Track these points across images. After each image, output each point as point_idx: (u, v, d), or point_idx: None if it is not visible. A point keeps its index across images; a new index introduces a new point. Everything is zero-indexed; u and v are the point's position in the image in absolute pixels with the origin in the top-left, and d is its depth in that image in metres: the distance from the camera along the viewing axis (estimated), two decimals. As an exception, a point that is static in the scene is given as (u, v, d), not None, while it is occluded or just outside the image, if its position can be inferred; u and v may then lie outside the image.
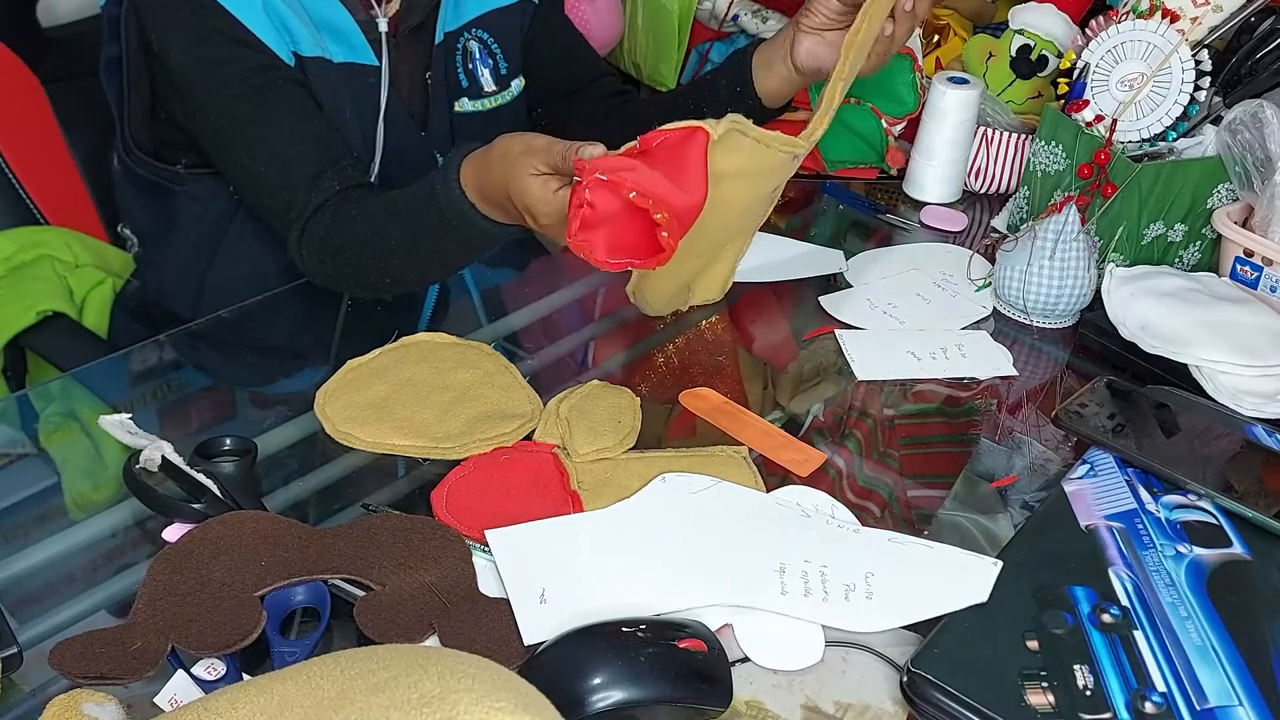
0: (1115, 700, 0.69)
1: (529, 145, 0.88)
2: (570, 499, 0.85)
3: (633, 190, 0.78)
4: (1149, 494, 0.87)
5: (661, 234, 0.80)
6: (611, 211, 0.80)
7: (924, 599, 0.76)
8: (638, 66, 1.72)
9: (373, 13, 1.12)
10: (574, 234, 0.79)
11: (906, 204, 1.34)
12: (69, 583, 0.80)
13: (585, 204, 0.79)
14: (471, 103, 1.22)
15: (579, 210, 0.79)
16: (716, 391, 0.99)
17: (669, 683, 0.69)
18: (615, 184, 0.79)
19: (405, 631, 0.72)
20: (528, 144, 0.88)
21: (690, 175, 0.81)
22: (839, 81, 0.94)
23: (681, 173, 0.81)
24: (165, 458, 0.84)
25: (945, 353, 1.06)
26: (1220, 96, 1.18)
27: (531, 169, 0.87)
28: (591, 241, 0.80)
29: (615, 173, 0.79)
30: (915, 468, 0.93)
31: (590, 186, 0.79)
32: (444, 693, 0.55)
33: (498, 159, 0.91)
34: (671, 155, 0.82)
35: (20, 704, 0.70)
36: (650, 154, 0.81)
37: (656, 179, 0.80)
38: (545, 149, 0.86)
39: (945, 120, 1.30)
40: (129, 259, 1.33)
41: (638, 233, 0.81)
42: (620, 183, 0.78)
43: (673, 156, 0.82)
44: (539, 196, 0.87)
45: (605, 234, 0.80)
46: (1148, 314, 1.04)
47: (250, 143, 1.06)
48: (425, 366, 0.98)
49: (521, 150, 0.88)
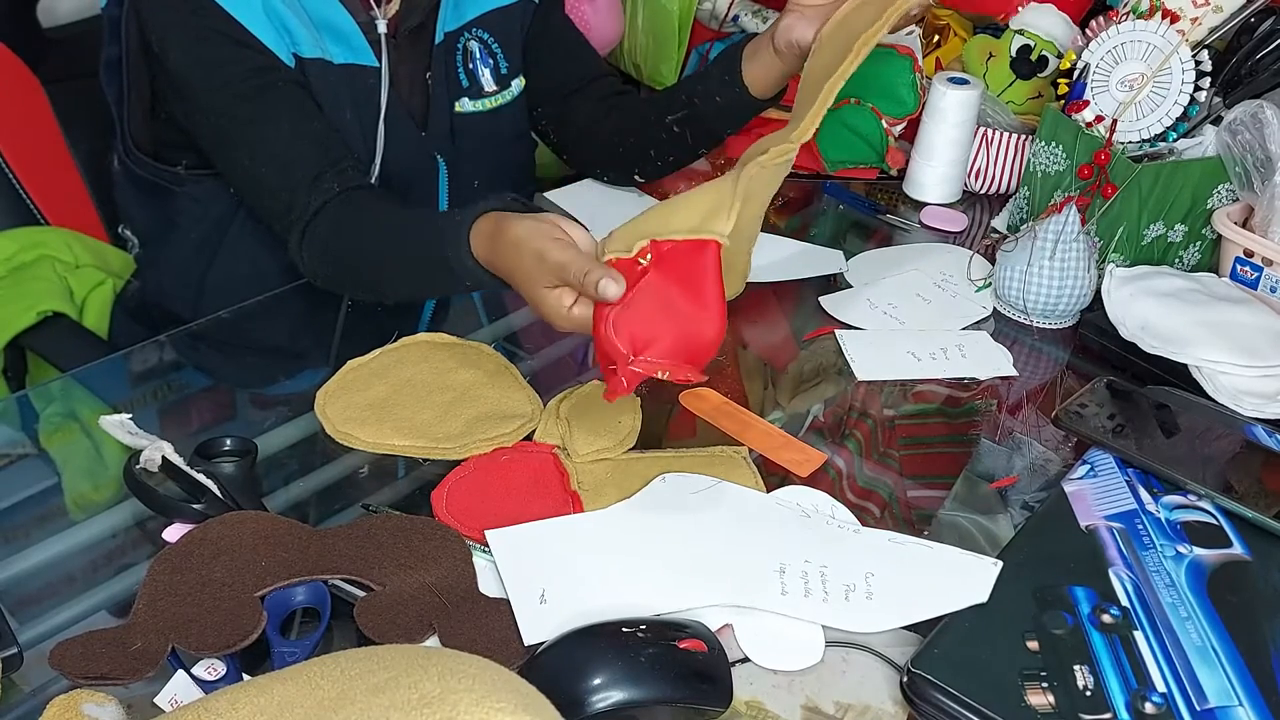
0: (1115, 700, 0.69)
1: (542, 258, 0.83)
2: (570, 499, 0.85)
3: (664, 371, 0.78)
4: (1149, 494, 0.87)
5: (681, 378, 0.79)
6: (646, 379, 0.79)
7: (924, 599, 0.76)
8: (638, 66, 1.72)
9: (372, 14, 1.12)
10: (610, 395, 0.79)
11: (906, 204, 1.34)
12: (69, 583, 0.80)
13: (621, 384, 0.78)
14: (472, 103, 1.22)
15: (618, 388, 0.78)
16: (716, 392, 0.99)
17: (669, 683, 0.69)
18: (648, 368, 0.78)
19: (405, 632, 0.72)
20: (541, 256, 0.83)
21: (709, 294, 0.79)
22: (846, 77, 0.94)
23: (697, 293, 0.79)
24: (165, 458, 0.84)
25: (945, 353, 1.06)
26: (1220, 97, 1.18)
27: (546, 282, 0.83)
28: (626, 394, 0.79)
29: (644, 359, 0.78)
30: (915, 468, 0.93)
31: (627, 374, 0.78)
32: (444, 693, 0.55)
33: (509, 249, 0.86)
34: (684, 267, 0.80)
35: (20, 704, 0.70)
36: (662, 261, 0.80)
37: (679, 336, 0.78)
38: (560, 268, 0.81)
39: (945, 120, 1.30)
40: (129, 259, 1.33)
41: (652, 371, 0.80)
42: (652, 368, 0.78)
43: (685, 269, 0.80)
44: (554, 312, 0.84)
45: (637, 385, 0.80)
46: (1148, 314, 1.04)
47: (250, 144, 1.06)
48: (425, 367, 0.98)
49: (534, 261, 0.83)
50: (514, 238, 0.86)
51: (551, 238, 0.84)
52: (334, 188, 1.04)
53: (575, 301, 0.82)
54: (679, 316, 0.79)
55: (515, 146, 1.29)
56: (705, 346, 0.80)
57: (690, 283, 0.79)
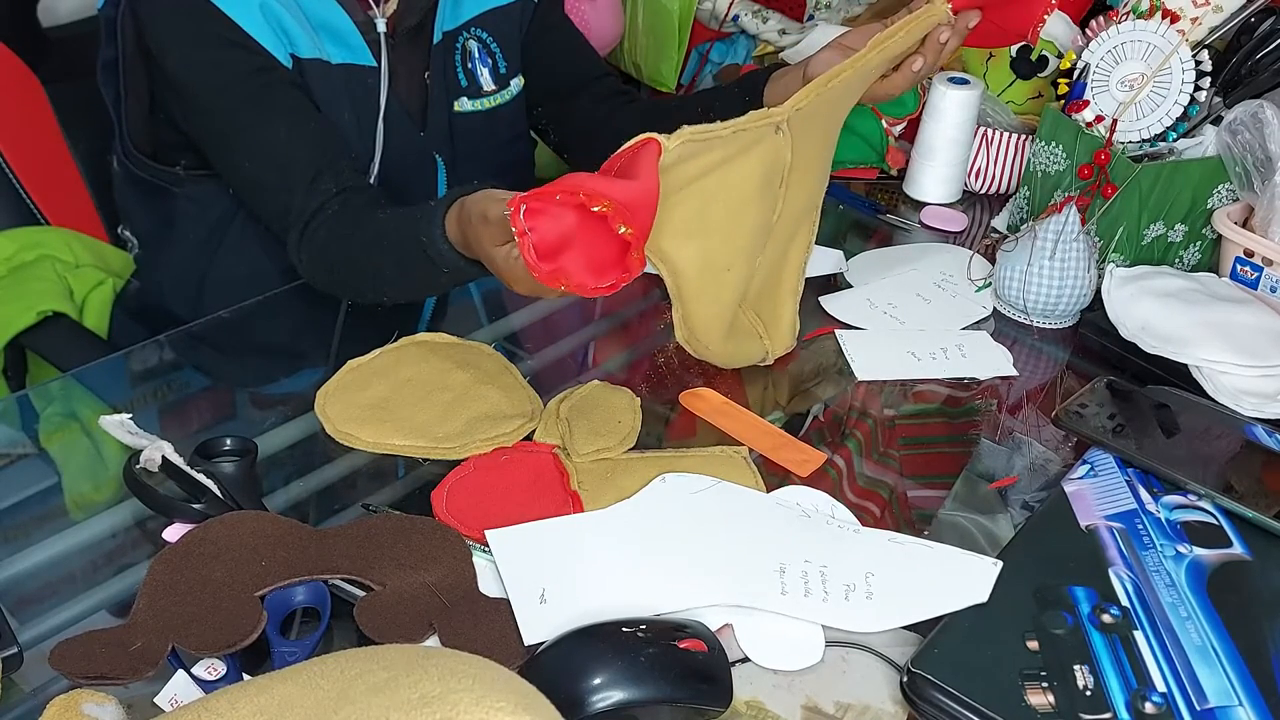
0: (1115, 700, 0.69)
1: (486, 217, 0.83)
2: (570, 499, 0.85)
3: (556, 194, 0.74)
4: (1149, 494, 0.87)
5: (619, 229, 0.75)
6: (560, 231, 0.75)
7: (924, 599, 0.76)
8: (638, 66, 1.72)
9: (371, 13, 1.12)
10: (537, 267, 0.75)
11: (906, 204, 1.34)
12: (69, 583, 0.80)
13: (523, 232, 0.74)
14: (471, 102, 1.22)
15: (523, 240, 0.74)
16: (716, 391, 0.99)
17: (669, 683, 0.69)
18: (541, 196, 0.74)
19: (405, 631, 0.72)
20: (485, 216, 0.83)
21: (638, 171, 0.78)
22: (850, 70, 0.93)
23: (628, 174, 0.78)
24: (165, 458, 0.84)
25: (945, 353, 1.06)
26: (1220, 97, 1.18)
27: (496, 240, 0.83)
28: (561, 268, 0.75)
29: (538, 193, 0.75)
30: (915, 468, 0.93)
31: (520, 214, 0.74)
32: (444, 693, 0.55)
33: (466, 222, 0.87)
34: (624, 169, 0.79)
35: (20, 704, 0.70)
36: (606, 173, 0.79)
37: (584, 178, 0.76)
38: (500, 220, 0.80)
39: (945, 120, 1.30)
40: (129, 259, 1.33)
41: (604, 246, 0.76)
42: (545, 193, 0.74)
43: (624, 169, 0.79)
44: (505, 266, 0.83)
45: (572, 257, 0.76)
46: (1148, 314, 1.04)
47: (248, 145, 1.06)
48: (425, 366, 0.98)
49: (480, 223, 0.84)
50: (468, 211, 0.86)
51: (493, 198, 0.83)
52: (331, 189, 1.04)
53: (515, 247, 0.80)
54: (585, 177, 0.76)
55: (514, 146, 1.29)
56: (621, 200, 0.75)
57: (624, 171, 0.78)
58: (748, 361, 1.02)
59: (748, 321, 1.01)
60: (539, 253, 0.75)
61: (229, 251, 1.19)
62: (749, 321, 1.01)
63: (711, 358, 0.99)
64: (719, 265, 0.90)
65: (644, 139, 0.80)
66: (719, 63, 1.74)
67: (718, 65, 1.73)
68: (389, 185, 1.14)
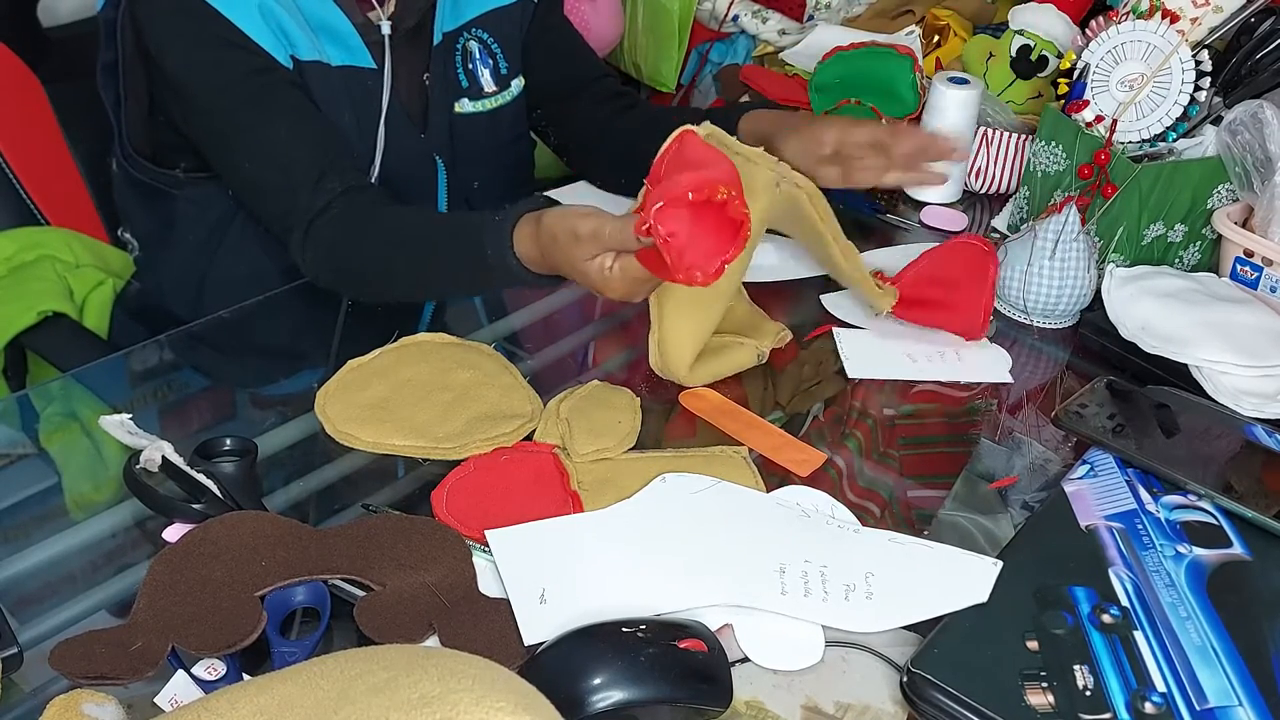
0: (1115, 700, 0.69)
1: (576, 234, 0.87)
2: (570, 499, 0.85)
3: (689, 190, 0.79)
4: (1149, 494, 0.87)
5: (734, 204, 0.80)
6: (686, 228, 0.80)
7: (924, 599, 0.76)
8: (638, 66, 1.72)
9: (372, 14, 1.12)
10: (682, 270, 0.80)
11: (906, 204, 1.34)
12: (69, 583, 0.80)
13: (664, 237, 0.79)
14: (472, 103, 1.22)
15: (666, 245, 0.79)
16: (716, 392, 0.99)
17: (669, 683, 0.69)
18: (673, 200, 0.80)
19: (405, 631, 0.72)
20: (574, 233, 0.87)
21: (707, 159, 0.84)
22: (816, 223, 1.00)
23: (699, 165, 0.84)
24: (165, 458, 0.84)
25: (942, 356, 1.06)
26: (1220, 97, 1.18)
27: (585, 255, 0.87)
28: (694, 263, 0.80)
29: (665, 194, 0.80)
30: (915, 468, 0.93)
31: (659, 221, 0.79)
32: (444, 693, 0.55)
33: (549, 242, 0.90)
34: (681, 161, 0.84)
35: (20, 704, 0.70)
36: (662, 176, 0.84)
37: (693, 175, 0.81)
38: (593, 236, 0.86)
39: (945, 120, 1.30)
40: (129, 259, 1.33)
41: (715, 227, 0.81)
42: (678, 194, 0.79)
43: (682, 161, 0.84)
44: (599, 278, 0.88)
45: (699, 250, 0.80)
46: (1148, 314, 1.04)
47: (249, 145, 1.06)
48: (425, 366, 0.98)
49: (570, 241, 0.87)
50: (549, 230, 0.90)
51: (579, 215, 0.88)
52: (336, 188, 1.04)
53: (615, 258, 0.86)
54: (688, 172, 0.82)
55: (515, 147, 1.29)
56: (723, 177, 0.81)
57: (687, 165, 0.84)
58: (734, 369, 1.02)
59: (728, 339, 1.02)
60: (677, 253, 0.80)
61: (229, 253, 1.19)
62: (729, 339, 1.02)
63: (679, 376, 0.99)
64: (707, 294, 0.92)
65: (678, 135, 0.86)
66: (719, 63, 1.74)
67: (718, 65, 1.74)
68: (389, 186, 1.14)
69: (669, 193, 0.80)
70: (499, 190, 1.29)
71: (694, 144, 0.86)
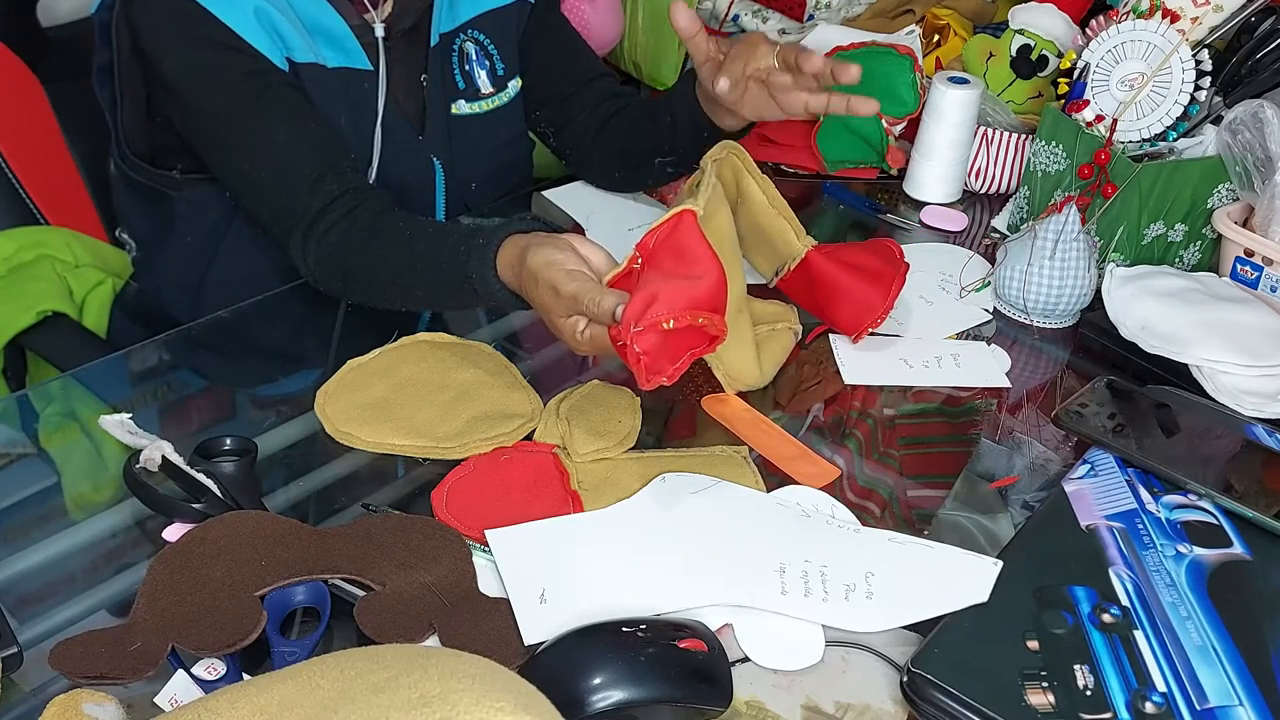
0: (1115, 700, 0.69)
1: (557, 291, 0.85)
2: (570, 499, 0.85)
3: (669, 320, 0.78)
4: (1149, 494, 0.87)
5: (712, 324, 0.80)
6: (659, 343, 0.80)
7: (924, 599, 0.76)
8: (638, 66, 1.72)
9: (368, 16, 1.12)
10: (647, 380, 0.79)
11: (906, 204, 1.34)
12: (69, 583, 0.80)
13: (639, 358, 0.78)
14: (469, 105, 1.22)
15: (639, 365, 0.79)
16: (715, 391, 0.99)
17: (669, 683, 0.69)
18: (651, 326, 0.78)
19: (405, 631, 0.72)
20: (555, 289, 0.85)
21: (698, 256, 0.82)
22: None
23: (689, 261, 0.82)
24: (165, 458, 0.84)
25: (939, 361, 1.05)
26: (1220, 96, 1.18)
27: (561, 312, 0.85)
28: (660, 373, 0.79)
29: (645, 319, 0.78)
30: (915, 468, 0.93)
31: (634, 340, 0.78)
32: (444, 693, 0.55)
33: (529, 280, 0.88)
34: (671, 248, 0.82)
35: (20, 704, 0.70)
36: (652, 256, 0.82)
37: (676, 291, 0.79)
38: (572, 300, 0.84)
39: (945, 120, 1.30)
40: (129, 259, 1.33)
41: (689, 342, 0.81)
42: (654, 323, 0.78)
43: (673, 249, 0.82)
44: (571, 338, 0.86)
45: (665, 360, 0.80)
46: (1148, 314, 1.04)
47: (247, 147, 1.06)
48: (425, 366, 0.98)
49: (549, 294, 0.86)
50: (533, 270, 0.87)
51: (564, 269, 0.85)
52: (334, 189, 1.04)
53: (588, 325, 0.83)
54: (673, 281, 0.80)
55: (513, 148, 1.29)
56: (704, 298, 0.80)
57: (679, 256, 0.82)
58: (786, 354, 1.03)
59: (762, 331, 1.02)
60: (647, 369, 0.79)
61: (227, 254, 1.19)
62: (763, 331, 1.02)
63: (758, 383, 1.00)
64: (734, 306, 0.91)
65: (677, 214, 0.83)
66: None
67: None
68: (387, 188, 1.14)
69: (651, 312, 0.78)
70: (497, 191, 1.29)
71: (689, 230, 0.83)
